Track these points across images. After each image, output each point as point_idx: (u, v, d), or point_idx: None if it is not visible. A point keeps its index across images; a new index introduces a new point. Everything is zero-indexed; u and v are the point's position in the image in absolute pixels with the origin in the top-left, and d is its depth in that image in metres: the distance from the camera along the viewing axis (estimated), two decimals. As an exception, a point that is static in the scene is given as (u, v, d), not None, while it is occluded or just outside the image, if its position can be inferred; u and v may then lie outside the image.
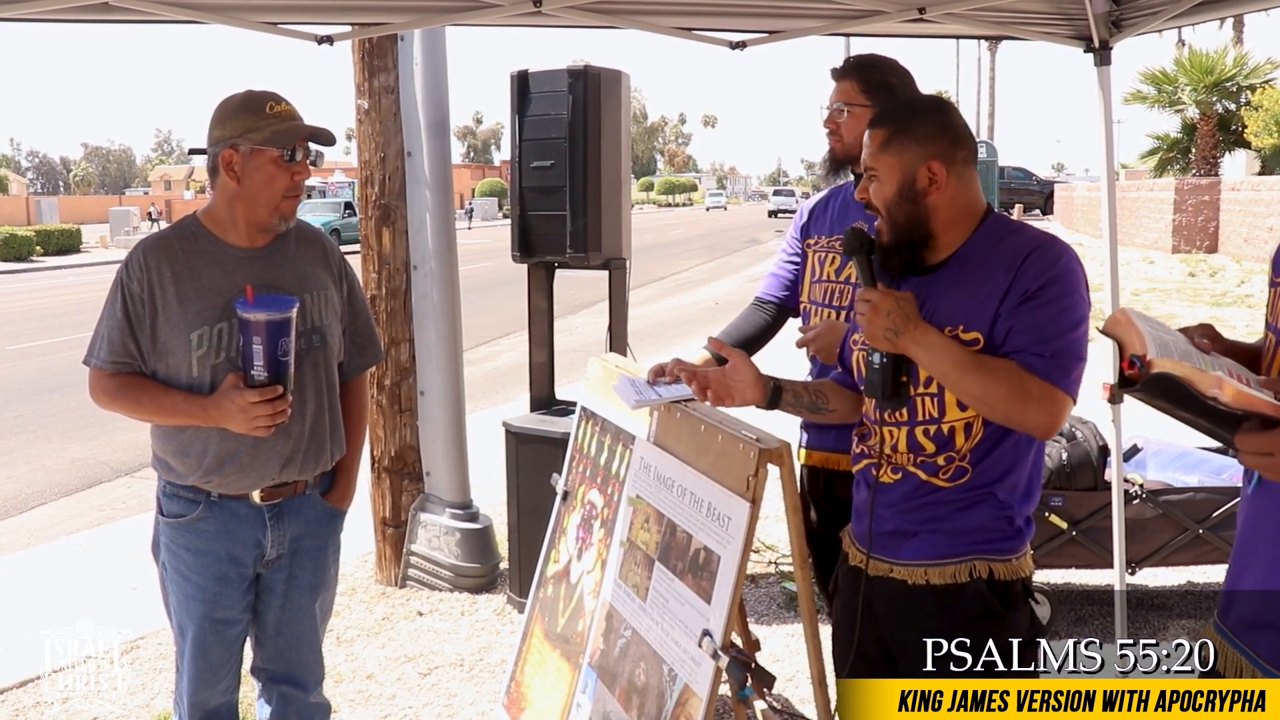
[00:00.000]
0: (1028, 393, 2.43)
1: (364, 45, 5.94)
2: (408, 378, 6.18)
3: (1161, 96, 30.01)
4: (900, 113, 2.68)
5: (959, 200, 2.62)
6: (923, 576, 2.64)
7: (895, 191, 2.61)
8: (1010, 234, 2.61)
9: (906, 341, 2.54)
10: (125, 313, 3.10)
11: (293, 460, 3.23)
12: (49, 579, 6.64)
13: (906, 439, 2.68)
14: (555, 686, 3.83)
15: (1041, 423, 2.48)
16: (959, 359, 2.50)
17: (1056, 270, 2.50)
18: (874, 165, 2.64)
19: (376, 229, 6.10)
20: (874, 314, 2.56)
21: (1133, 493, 5.27)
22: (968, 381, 2.49)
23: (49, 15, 3.93)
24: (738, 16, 4.41)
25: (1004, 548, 2.63)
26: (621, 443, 3.79)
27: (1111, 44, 4.26)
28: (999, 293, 2.52)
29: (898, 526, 2.69)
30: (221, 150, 3.09)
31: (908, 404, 2.65)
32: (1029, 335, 2.47)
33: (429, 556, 6.13)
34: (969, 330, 2.54)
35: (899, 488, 2.69)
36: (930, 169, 2.58)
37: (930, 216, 2.61)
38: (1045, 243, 2.56)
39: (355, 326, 3.47)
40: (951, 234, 2.63)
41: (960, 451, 2.61)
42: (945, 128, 2.63)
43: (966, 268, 2.60)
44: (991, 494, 2.61)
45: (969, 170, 2.65)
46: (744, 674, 2.90)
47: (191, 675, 3.30)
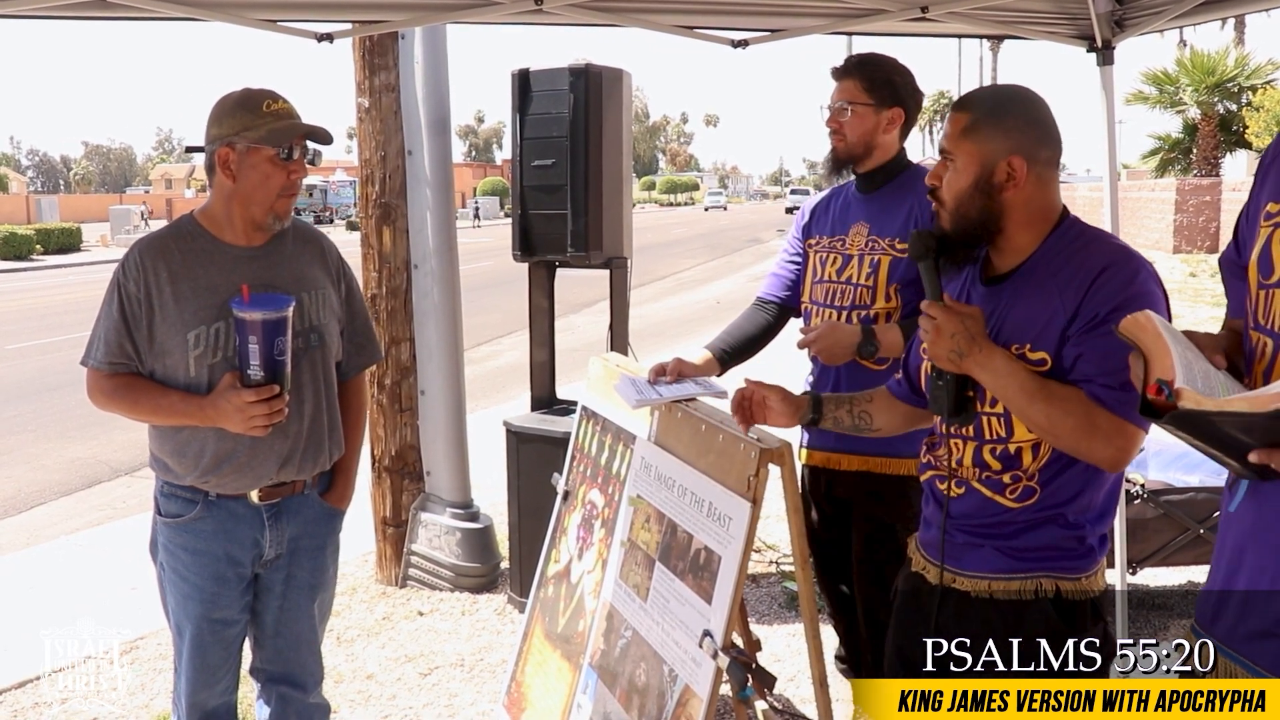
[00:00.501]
0: (1096, 426, 2.32)
1: (365, 43, 5.93)
2: (408, 377, 6.17)
3: (1163, 97, 30.02)
4: (990, 99, 2.56)
5: (1035, 201, 2.49)
6: (986, 589, 2.54)
7: (970, 183, 2.47)
8: (1085, 245, 2.47)
9: (971, 364, 2.42)
10: (122, 313, 3.09)
11: (291, 460, 3.22)
12: (49, 579, 6.63)
13: (973, 456, 2.57)
14: (556, 687, 3.82)
15: (1109, 457, 2.36)
16: (1025, 387, 2.37)
17: (1130, 293, 2.35)
18: (952, 150, 2.51)
19: (377, 228, 6.09)
20: (937, 335, 2.43)
21: (1134, 492, 5.26)
22: (1034, 411, 2.37)
23: (48, 11, 3.92)
24: (739, 15, 4.40)
25: (1073, 566, 2.51)
26: (622, 442, 3.78)
27: (1114, 44, 4.25)
28: (1068, 313, 2.39)
29: (964, 539, 2.60)
30: (218, 149, 3.08)
31: (974, 421, 2.55)
32: (1099, 364, 2.34)
33: (430, 556, 6.12)
34: (1036, 350, 2.42)
35: (964, 502, 2.59)
36: (1011, 164, 2.45)
37: (1003, 214, 2.48)
38: (1119, 260, 2.41)
39: (353, 326, 3.45)
40: (1024, 237, 2.51)
41: (1028, 471, 2.50)
42: (1035, 123, 2.50)
43: (1035, 280, 2.47)
44: (1062, 515, 2.50)
45: (1051, 172, 2.51)
46: (744, 674, 2.90)
47: (189, 676, 3.29)
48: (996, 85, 2.67)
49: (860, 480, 3.65)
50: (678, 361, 3.64)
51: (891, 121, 3.63)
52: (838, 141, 3.67)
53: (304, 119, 3.17)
